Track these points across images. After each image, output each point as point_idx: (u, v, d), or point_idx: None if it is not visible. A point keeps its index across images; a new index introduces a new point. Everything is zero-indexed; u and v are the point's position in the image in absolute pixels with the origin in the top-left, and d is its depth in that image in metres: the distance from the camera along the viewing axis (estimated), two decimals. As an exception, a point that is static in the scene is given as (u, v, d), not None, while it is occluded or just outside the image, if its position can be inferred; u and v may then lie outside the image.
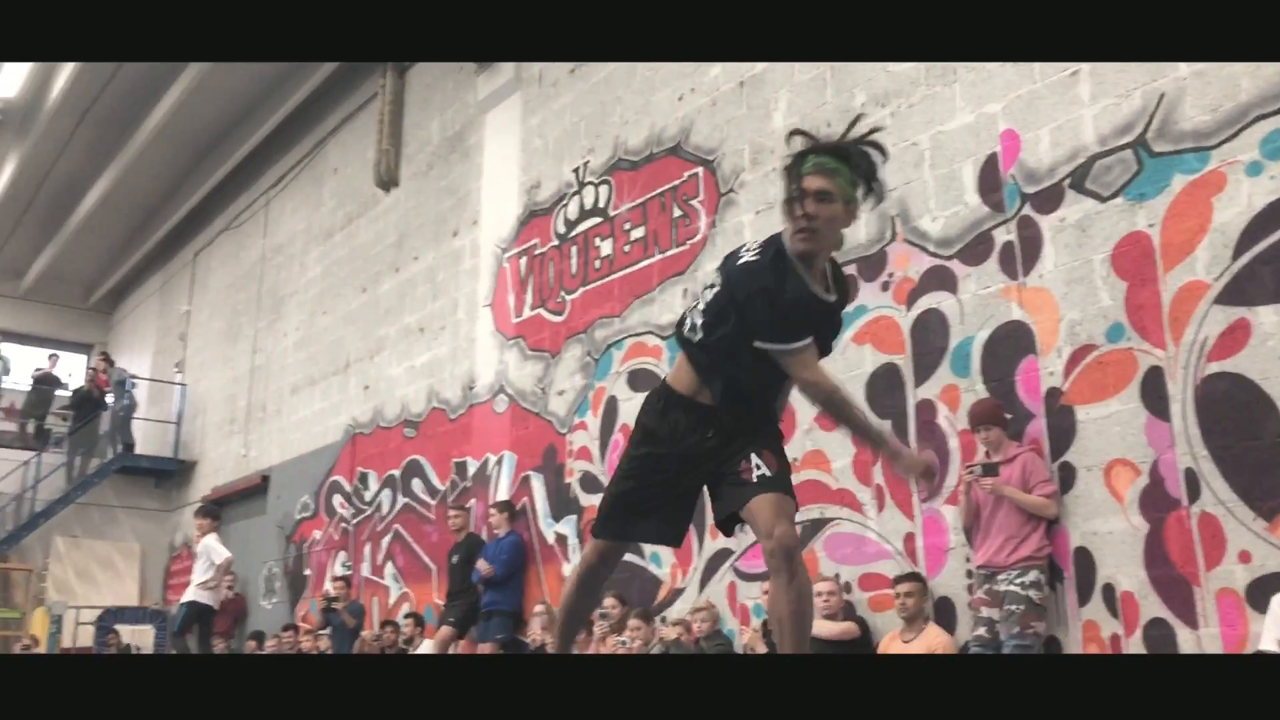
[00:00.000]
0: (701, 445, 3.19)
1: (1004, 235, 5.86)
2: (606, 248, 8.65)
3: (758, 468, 3.12)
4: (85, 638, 13.48)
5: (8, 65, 12.45)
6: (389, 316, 11.41)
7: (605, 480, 8.10)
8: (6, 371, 17.03)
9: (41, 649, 13.57)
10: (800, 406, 6.75)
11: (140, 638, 13.34)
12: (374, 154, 11.80)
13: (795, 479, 6.58)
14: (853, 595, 6.27)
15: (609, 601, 7.53)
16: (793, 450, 6.74)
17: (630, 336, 8.24)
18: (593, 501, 8.23)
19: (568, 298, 8.98)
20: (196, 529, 10.33)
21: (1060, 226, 5.61)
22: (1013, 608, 5.15)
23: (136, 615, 13.65)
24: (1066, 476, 5.38)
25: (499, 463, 9.41)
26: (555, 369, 8.93)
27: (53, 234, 17.55)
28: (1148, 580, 5.01)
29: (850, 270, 6.62)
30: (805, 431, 6.71)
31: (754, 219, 7.36)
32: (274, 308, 13.98)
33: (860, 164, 3.02)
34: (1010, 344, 5.75)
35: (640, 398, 7.82)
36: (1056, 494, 5.34)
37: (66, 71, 12.67)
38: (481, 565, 8.56)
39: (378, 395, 11.38)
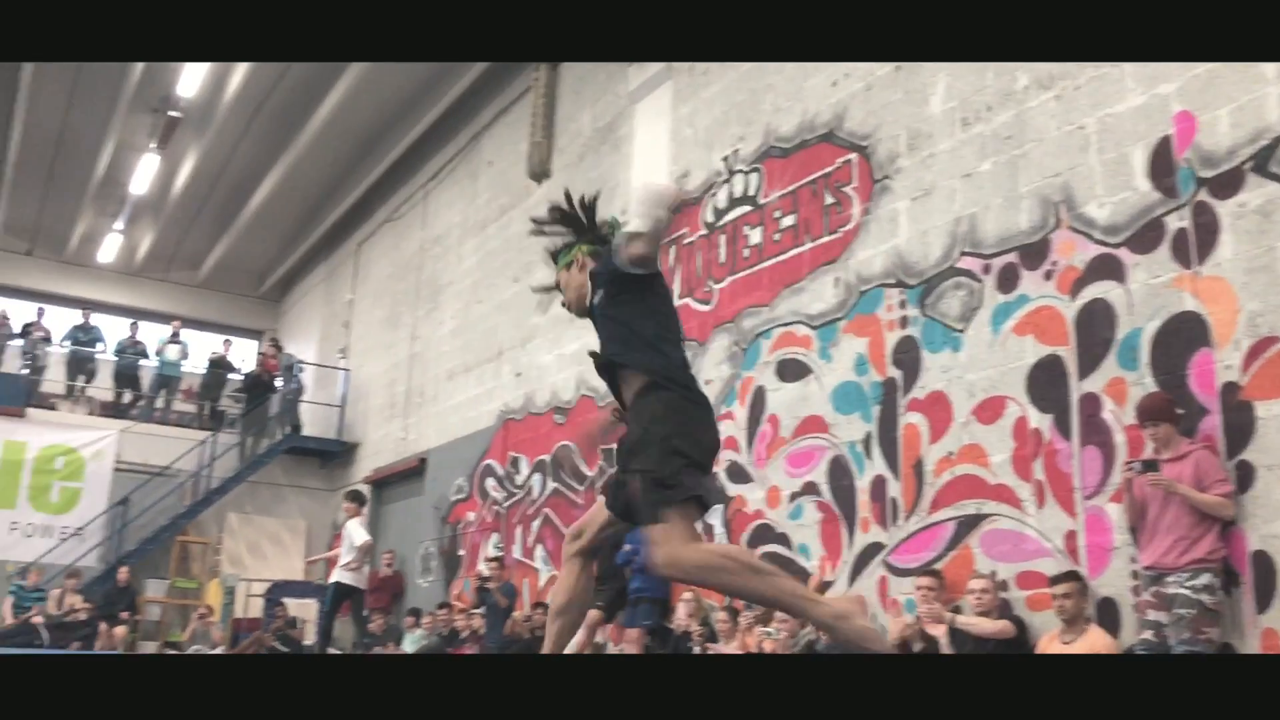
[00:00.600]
0: None
1: (1176, 222, 5.57)
2: (756, 236, 8.60)
3: None
4: (255, 609, 14.22)
5: (190, 66, 13.14)
6: (540, 305, 11.62)
7: (752, 470, 8.09)
8: (185, 356, 18.05)
9: (216, 618, 14.39)
10: (957, 400, 6.59)
11: (305, 611, 13.99)
12: (527, 146, 12.03)
13: (951, 474, 6.47)
14: (1010, 594, 6.09)
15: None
16: (948, 444, 6.59)
17: (779, 326, 8.18)
18: (740, 490, 8.23)
19: (715, 287, 8.97)
20: (343, 512, 10.88)
21: (1240, 212, 5.30)
22: (1183, 612, 4.91)
23: (302, 590, 14.34)
24: (1244, 476, 5.09)
25: (647, 450, 9.47)
26: (703, 358, 8.94)
27: (227, 226, 18.52)
28: (1334, 588, 4.70)
29: (1010, 259, 6.42)
30: (962, 425, 6.55)
31: (910, 206, 7.20)
32: (431, 297, 14.44)
33: (579, 231, 3.48)
34: (1182, 336, 5.46)
35: (789, 388, 7.84)
36: (1233, 493, 5.06)
37: (240, 72, 13.33)
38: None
39: (529, 382, 11.62)
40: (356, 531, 10.32)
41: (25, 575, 13.85)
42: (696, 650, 7.78)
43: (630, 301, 3.13)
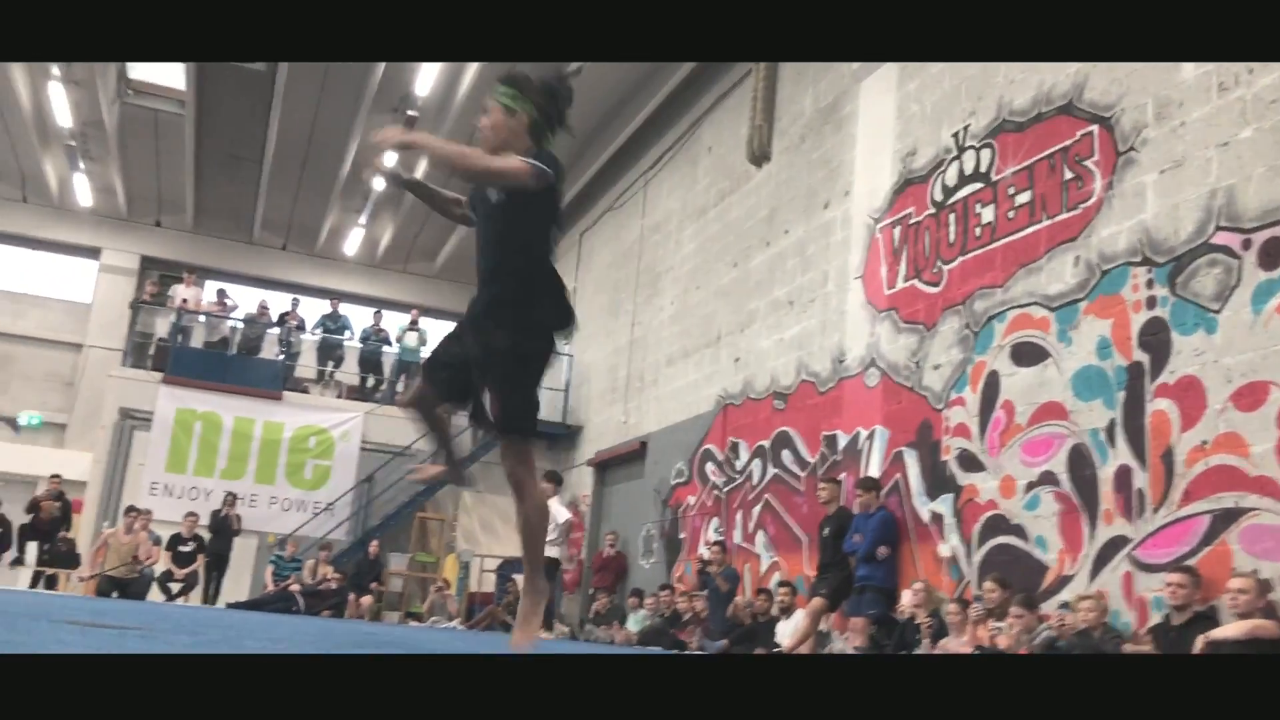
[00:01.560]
0: None
1: None
2: (988, 214, 8.26)
3: None
4: (488, 583, 14.89)
5: (428, 65, 13.81)
6: (759, 290, 11.59)
7: (985, 459, 7.79)
8: (423, 343, 19.04)
9: (452, 591, 15.15)
10: (1212, 386, 6.11)
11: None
12: (747, 130, 12.00)
13: (1205, 464, 6.02)
14: (1276, 595, 5.60)
15: (987, 585, 7.25)
16: (1202, 433, 6.14)
17: (1014, 308, 7.82)
18: (971, 480, 7.94)
19: (945, 268, 8.67)
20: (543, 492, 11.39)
21: None
22: None
23: (531, 567, 14.81)
24: None
25: (870, 437, 9.29)
26: (930, 342, 8.67)
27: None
28: None
29: (1275, 232, 5.89)
30: (1217, 412, 6.07)
31: (1158, 179, 6.72)
32: (651, 283, 14.65)
33: (528, 87, 3.62)
34: None
35: (1025, 373, 7.50)
36: None
37: (472, 70, 13.90)
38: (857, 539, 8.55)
39: (748, 367, 11.61)
40: (557, 510, 11.11)
41: (284, 546, 15.00)
42: (925, 643, 7.58)
43: None
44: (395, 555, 16.43)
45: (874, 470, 9.09)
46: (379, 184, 16.70)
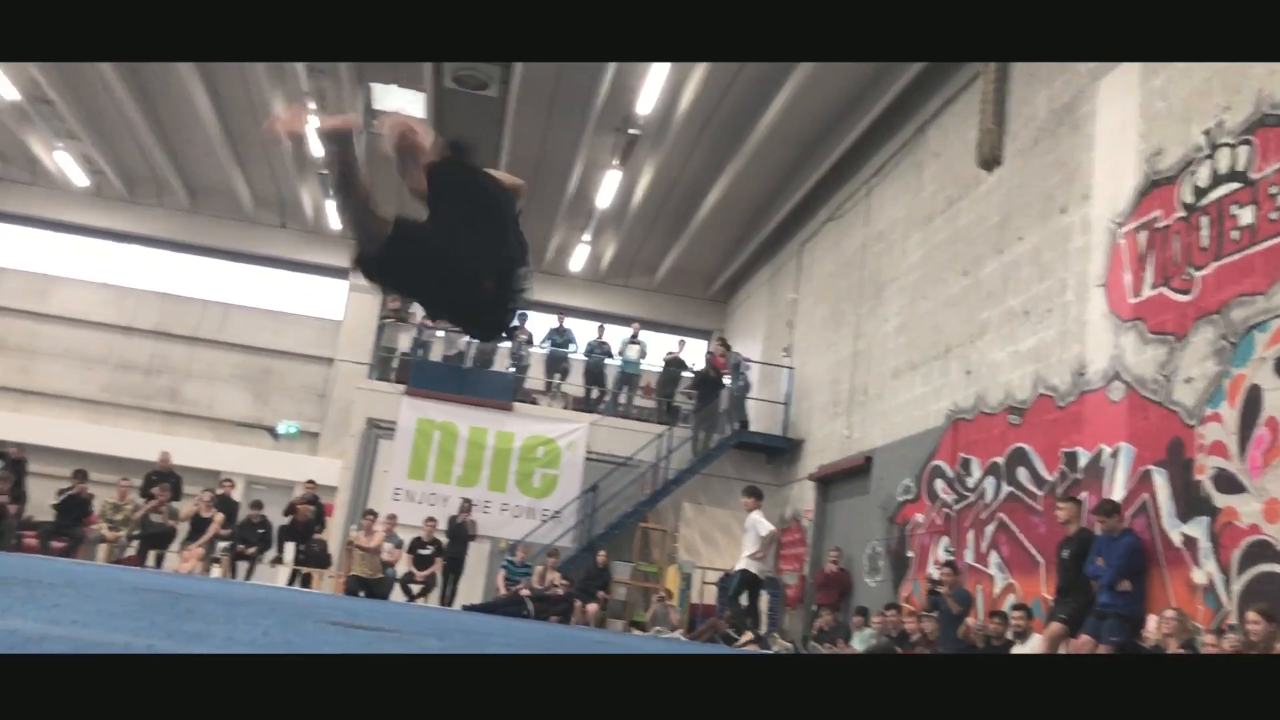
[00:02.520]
0: None
1: None
2: (1247, 216, 7.65)
3: None
4: (709, 595, 14.96)
5: (650, 85, 14.07)
6: (991, 300, 11.16)
7: (1245, 480, 7.21)
8: (643, 355, 19.43)
9: (674, 602, 15.32)
10: None
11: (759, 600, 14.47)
12: (976, 134, 11.60)
13: None
14: None
15: (1251, 617, 6.69)
16: None
17: (1277, 317, 7.21)
18: (1230, 502, 7.36)
19: (1196, 274, 8.09)
20: (744, 506, 11.62)
21: None
22: None
23: (753, 580, 14.78)
24: None
25: (1114, 455, 8.77)
26: (1181, 354, 8.10)
27: (679, 234, 19.67)
28: None
29: None
30: None
31: None
32: (875, 294, 14.36)
33: None
34: None
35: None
36: None
37: (692, 86, 14.08)
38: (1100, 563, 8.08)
39: (980, 380, 11.19)
40: (760, 523, 11.44)
41: (514, 551, 15.59)
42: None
43: None
44: (619, 564, 16.77)
45: (1118, 490, 8.58)
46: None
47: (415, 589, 14.62)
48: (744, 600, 12.03)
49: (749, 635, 11.70)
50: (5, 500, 13.78)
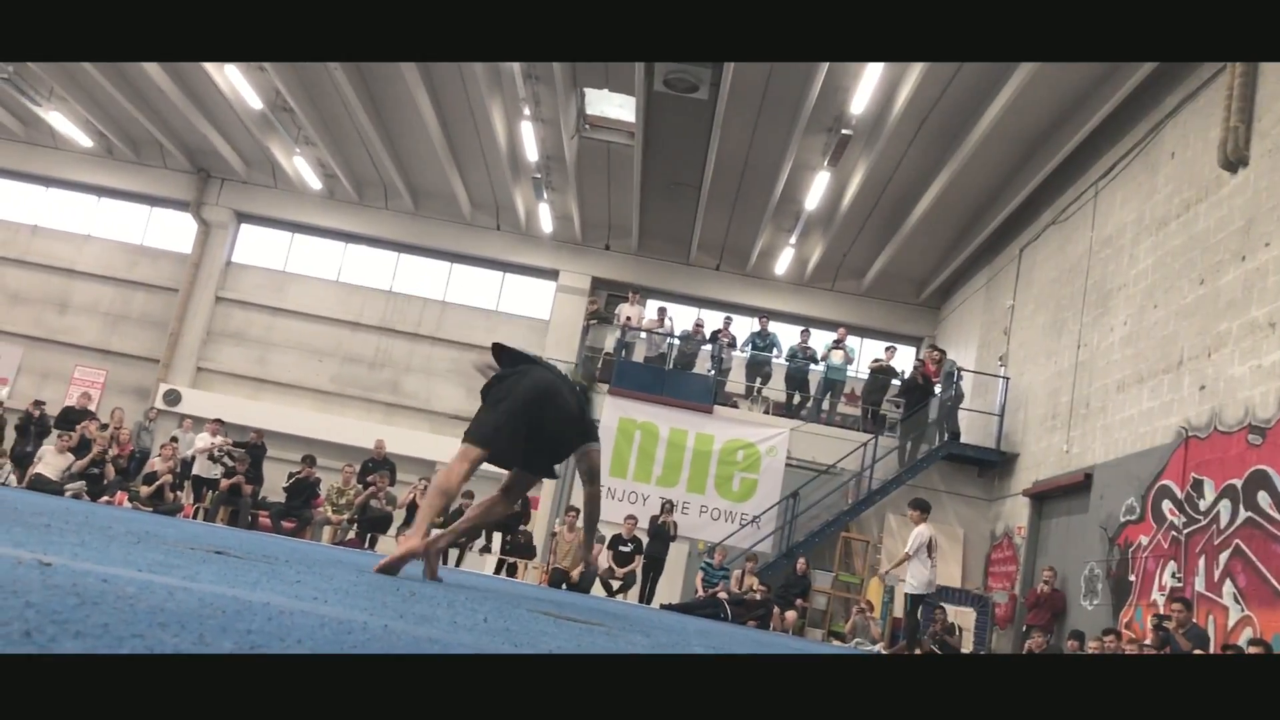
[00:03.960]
0: None
1: None
2: None
3: None
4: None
5: (864, 84, 13.81)
6: (1231, 310, 10.37)
7: None
8: (849, 361, 19.07)
9: (875, 615, 14.96)
10: None
11: (962, 619, 13.98)
12: (1219, 132, 10.80)
13: None
14: None
15: None
16: None
17: None
18: None
19: None
20: (911, 520, 11.62)
21: None
22: None
23: (959, 597, 14.31)
24: None
25: (1375, 482, 7.97)
26: None
27: (890, 236, 19.19)
28: None
29: None
30: None
31: None
32: (1100, 301, 13.60)
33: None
34: None
35: None
36: None
37: (909, 85, 13.70)
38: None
39: (1215, 396, 10.41)
40: (918, 534, 11.25)
41: (712, 554, 15.60)
42: None
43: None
44: (819, 573, 16.53)
45: (1380, 521, 7.80)
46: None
47: (615, 584, 14.85)
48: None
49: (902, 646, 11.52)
50: (242, 481, 14.89)
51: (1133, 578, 11.52)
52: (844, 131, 15.22)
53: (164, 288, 22.29)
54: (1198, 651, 9.14)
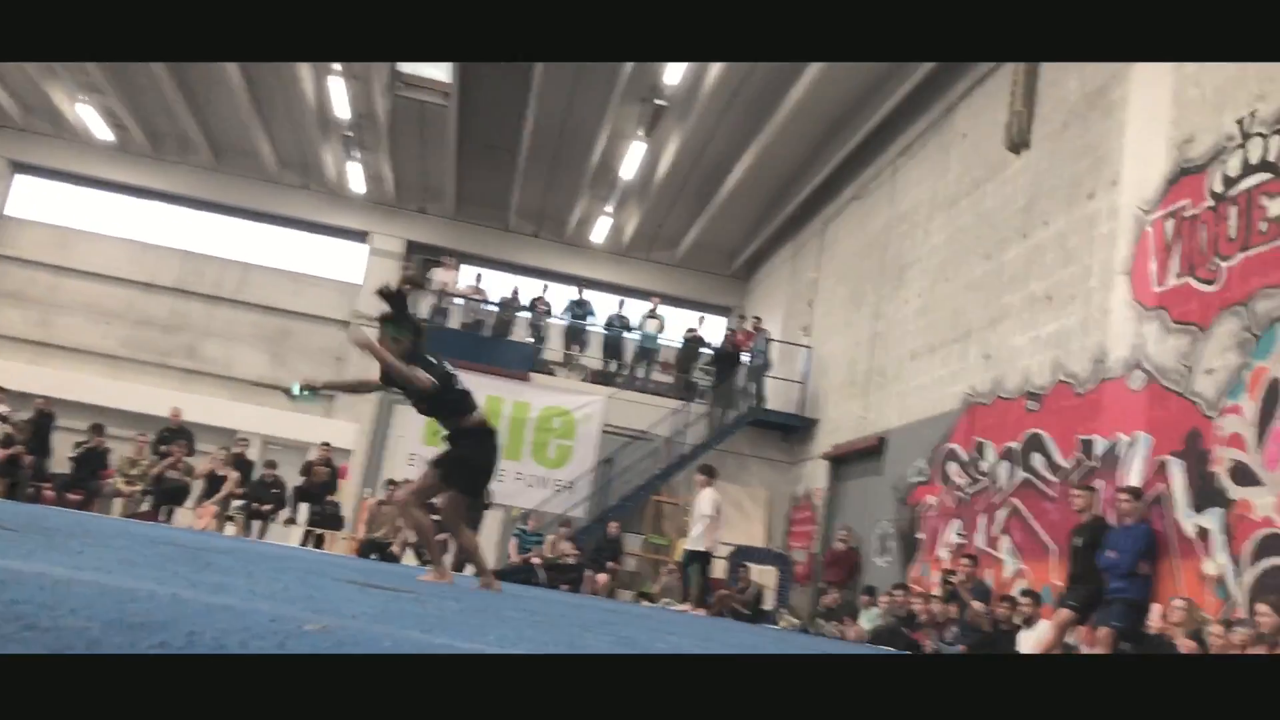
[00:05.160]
0: None
1: None
2: (1276, 208, 7.58)
3: None
4: (720, 569, 15.01)
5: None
6: (1013, 284, 11.11)
7: (1261, 472, 7.18)
8: (662, 330, 19.43)
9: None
10: None
11: (765, 577, 14.52)
12: (1005, 116, 11.51)
13: None
14: None
15: (1261, 609, 6.68)
16: None
17: (1304, 310, 7.15)
18: (1245, 495, 7.34)
19: (1223, 265, 8.03)
20: (697, 484, 12.31)
21: None
22: None
23: (763, 556, 14.85)
24: None
25: (1131, 444, 8.74)
26: (1204, 344, 8.05)
27: (702, 208, 19.59)
28: None
29: None
30: None
31: None
32: (896, 275, 14.30)
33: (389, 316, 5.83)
34: None
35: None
36: None
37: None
38: (1111, 555, 8.07)
39: (998, 365, 11.16)
40: (706, 500, 11.79)
41: (526, 520, 15.67)
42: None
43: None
44: (631, 536, 16.83)
45: (1134, 479, 8.56)
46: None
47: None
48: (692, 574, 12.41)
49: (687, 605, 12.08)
50: (21, 451, 13.91)
51: (921, 535, 12.26)
52: (658, 102, 15.40)
53: (-70, 243, 20.52)
54: (978, 604, 9.83)
